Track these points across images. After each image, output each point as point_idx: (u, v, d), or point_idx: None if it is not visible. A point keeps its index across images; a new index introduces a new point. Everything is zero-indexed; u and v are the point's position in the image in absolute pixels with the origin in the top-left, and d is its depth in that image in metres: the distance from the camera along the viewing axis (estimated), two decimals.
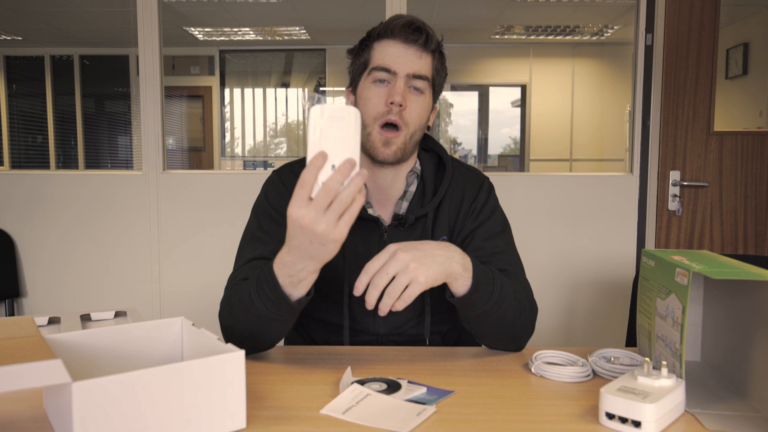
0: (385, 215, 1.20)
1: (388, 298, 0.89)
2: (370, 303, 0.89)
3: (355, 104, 1.17)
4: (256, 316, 0.95)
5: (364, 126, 1.11)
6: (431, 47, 1.12)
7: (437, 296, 1.18)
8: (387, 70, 1.10)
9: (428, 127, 1.20)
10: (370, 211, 1.17)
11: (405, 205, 1.19)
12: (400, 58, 1.10)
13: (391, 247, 0.91)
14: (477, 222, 1.18)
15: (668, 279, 0.87)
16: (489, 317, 1.01)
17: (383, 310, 0.89)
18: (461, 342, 1.29)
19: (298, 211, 0.81)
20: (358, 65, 1.16)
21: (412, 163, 1.22)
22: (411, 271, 0.89)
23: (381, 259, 0.90)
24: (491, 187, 1.25)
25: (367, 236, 1.17)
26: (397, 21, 1.11)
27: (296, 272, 0.89)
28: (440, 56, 1.16)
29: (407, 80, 1.10)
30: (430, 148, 1.25)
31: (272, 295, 0.91)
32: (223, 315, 1.05)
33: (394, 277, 0.89)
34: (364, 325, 1.19)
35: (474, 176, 1.25)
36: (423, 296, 1.19)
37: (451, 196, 1.20)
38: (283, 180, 1.20)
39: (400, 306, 0.89)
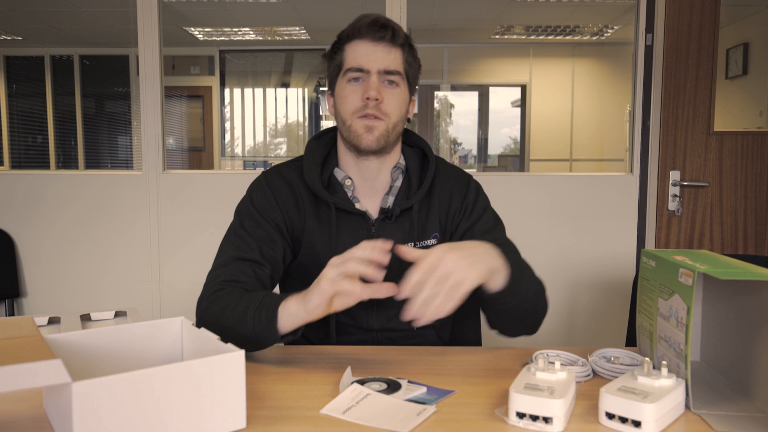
0: (372, 210, 1.22)
1: (439, 299, 0.85)
2: (412, 313, 0.86)
3: (334, 106, 1.21)
4: (244, 330, 0.98)
5: (343, 121, 1.17)
6: (399, 41, 1.15)
7: None
8: (360, 70, 1.14)
9: (408, 120, 1.22)
10: (357, 205, 1.19)
11: (391, 199, 1.22)
12: (370, 56, 1.14)
13: (441, 248, 0.89)
14: (471, 220, 1.22)
15: (671, 279, 0.86)
16: (519, 308, 1.04)
17: (425, 317, 0.85)
18: (456, 336, 1.30)
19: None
20: (333, 68, 1.19)
21: (396, 157, 1.24)
22: (462, 269, 0.87)
23: (432, 259, 0.86)
24: (478, 185, 1.28)
25: (355, 230, 1.19)
26: (363, 21, 1.14)
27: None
28: (410, 49, 1.19)
29: (380, 76, 1.14)
30: (414, 144, 1.28)
31: (266, 324, 0.95)
32: (206, 312, 1.06)
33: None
34: (358, 320, 1.20)
35: (459, 175, 1.27)
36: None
37: (440, 194, 1.23)
38: (270, 183, 1.22)
39: (448, 309, 0.86)
